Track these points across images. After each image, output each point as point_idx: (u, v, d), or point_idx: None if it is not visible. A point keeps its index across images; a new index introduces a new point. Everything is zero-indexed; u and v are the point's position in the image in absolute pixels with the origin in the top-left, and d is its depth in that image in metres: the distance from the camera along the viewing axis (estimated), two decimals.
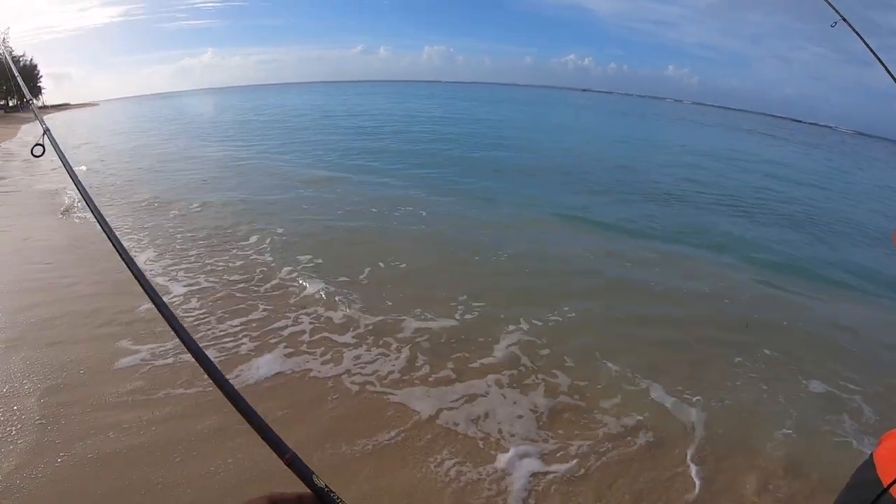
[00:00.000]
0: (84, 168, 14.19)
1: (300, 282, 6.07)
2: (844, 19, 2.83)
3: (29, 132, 28.80)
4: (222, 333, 4.82)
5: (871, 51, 2.50)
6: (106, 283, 5.72)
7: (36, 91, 74.92)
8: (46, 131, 1.79)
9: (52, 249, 6.98)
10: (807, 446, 3.67)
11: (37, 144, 1.77)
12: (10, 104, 65.82)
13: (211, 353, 3.08)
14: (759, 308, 6.10)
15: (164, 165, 14.97)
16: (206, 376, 0.88)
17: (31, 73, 72.32)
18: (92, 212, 1.29)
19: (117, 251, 1.14)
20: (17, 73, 2.65)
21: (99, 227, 1.28)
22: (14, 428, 3.37)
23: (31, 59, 74.62)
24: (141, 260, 6.62)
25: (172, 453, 3.22)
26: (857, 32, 2.63)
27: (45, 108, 73.67)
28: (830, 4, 2.87)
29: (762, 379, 4.54)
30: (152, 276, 6.05)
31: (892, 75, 2.16)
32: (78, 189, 1.39)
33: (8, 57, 3.10)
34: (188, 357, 1.45)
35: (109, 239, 1.16)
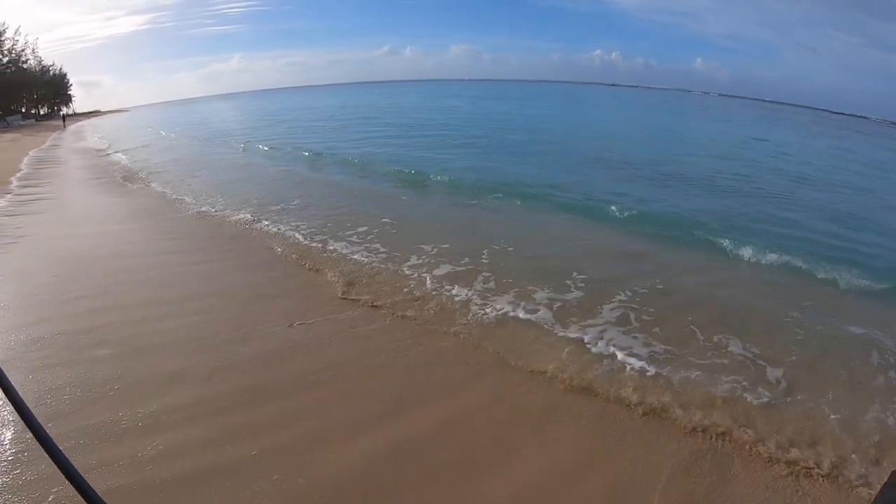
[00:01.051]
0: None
1: None
2: None
3: (57, 139, 29.43)
4: None
5: None
6: None
7: (66, 99, 76.51)
8: None
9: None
10: None
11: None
12: (41, 112, 67.26)
13: None
14: None
15: None
16: None
17: (61, 82, 73.80)
18: None
19: None
20: None
21: None
22: None
23: (61, 69, 76.44)
24: None
25: None
26: None
27: (74, 115, 75.22)
28: None
29: None
30: None
31: None
32: None
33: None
34: None
35: None
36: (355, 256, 7.15)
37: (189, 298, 5.78)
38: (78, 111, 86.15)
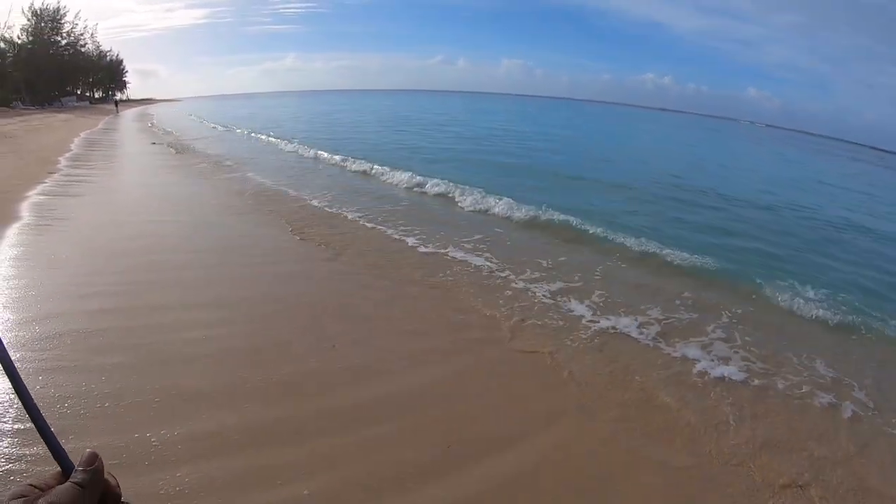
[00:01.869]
0: None
1: None
2: None
3: (110, 123, 30.00)
4: None
5: None
6: None
7: (121, 85, 78.85)
8: None
9: None
10: None
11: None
12: (96, 96, 69.38)
13: None
14: None
15: None
16: None
17: (117, 68, 76.10)
18: None
19: None
20: None
21: None
22: None
23: (118, 55, 78.87)
24: None
25: None
26: None
27: (127, 101, 77.50)
28: None
29: None
30: None
31: None
32: None
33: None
34: None
35: None
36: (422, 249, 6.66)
37: (222, 306, 5.28)
38: (132, 98, 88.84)
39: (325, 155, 17.72)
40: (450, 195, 11.53)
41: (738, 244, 9.73)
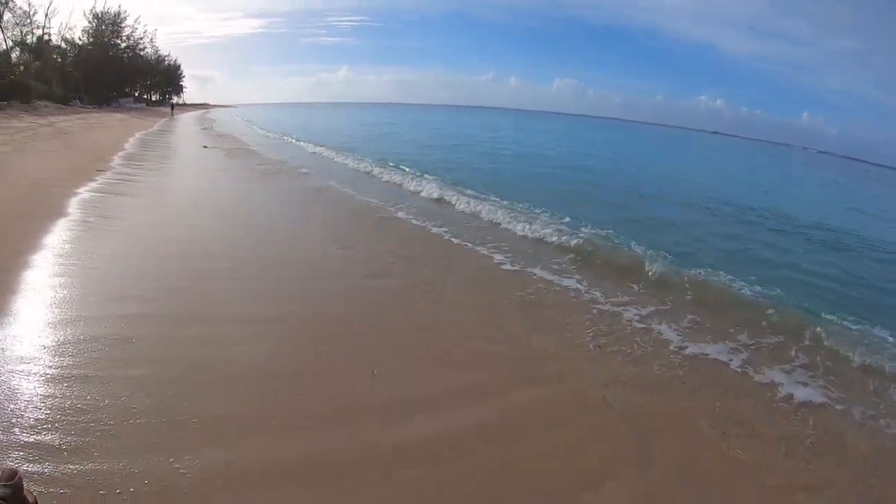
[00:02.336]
0: None
1: None
2: None
3: (165, 125, 30.85)
4: None
5: None
6: None
7: (178, 89, 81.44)
8: None
9: None
10: None
11: None
12: (153, 98, 71.74)
13: None
14: None
15: None
16: None
17: (174, 73, 78.61)
18: None
19: None
20: None
21: None
22: None
23: (176, 60, 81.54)
24: None
25: None
26: None
27: (183, 105, 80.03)
28: None
29: None
30: None
31: None
32: None
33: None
34: None
35: None
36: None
37: (260, 321, 4.95)
38: (188, 102, 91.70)
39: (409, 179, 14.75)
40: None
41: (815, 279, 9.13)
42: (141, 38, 61.84)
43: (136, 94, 68.81)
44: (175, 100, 79.80)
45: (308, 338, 4.72)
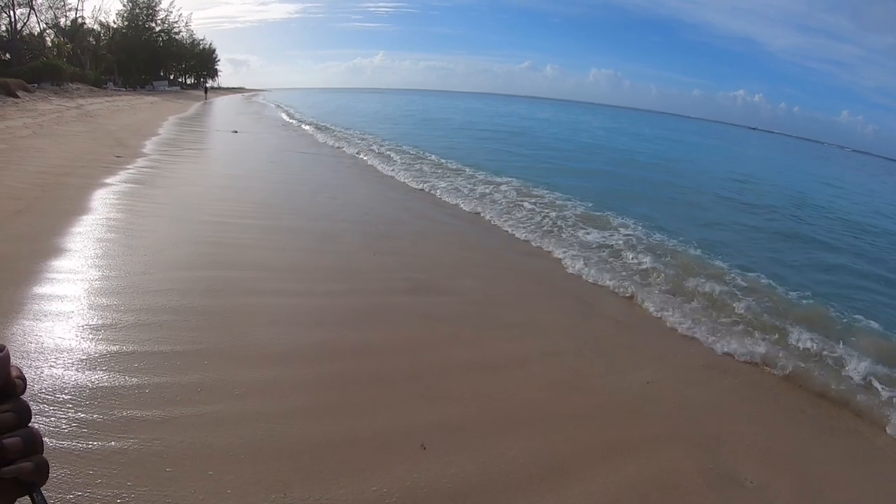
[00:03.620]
0: None
1: None
2: None
3: (198, 109, 30.26)
4: None
5: None
6: None
7: (213, 73, 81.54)
8: None
9: None
10: None
11: None
12: (188, 81, 71.95)
13: None
14: None
15: None
16: None
17: (209, 56, 78.61)
18: None
19: None
20: None
21: None
22: None
23: (211, 44, 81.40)
24: None
25: None
26: None
27: (218, 88, 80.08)
28: None
29: None
30: None
31: None
32: None
33: None
34: None
35: None
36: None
37: (283, 359, 3.67)
38: (223, 86, 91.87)
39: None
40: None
41: None
42: (175, 22, 61.70)
43: (172, 78, 68.86)
44: (210, 83, 79.79)
45: (351, 382, 3.36)
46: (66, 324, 3.79)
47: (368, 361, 3.83)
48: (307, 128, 25.24)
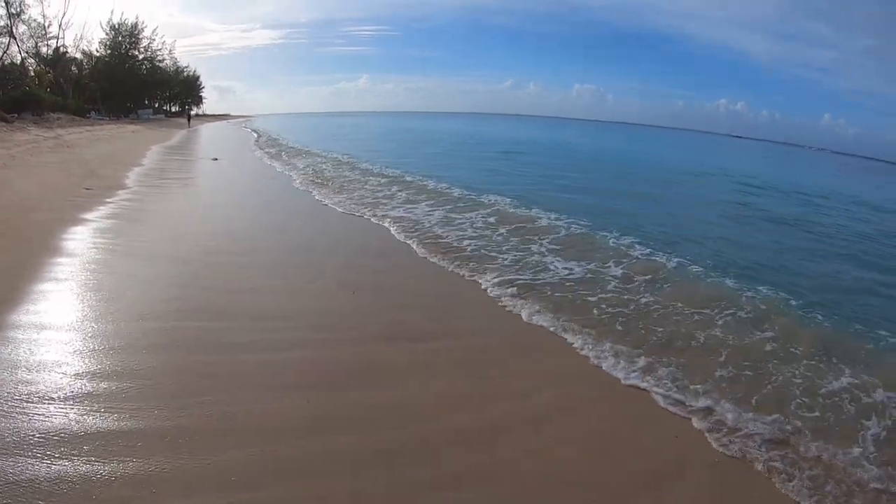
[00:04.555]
0: None
1: None
2: None
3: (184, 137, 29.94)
4: None
5: None
6: None
7: (197, 100, 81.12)
8: None
9: None
10: None
11: None
12: (172, 109, 71.51)
13: None
14: None
15: None
16: None
17: (193, 83, 78.28)
18: None
19: None
20: None
21: None
22: None
23: (195, 71, 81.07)
24: None
25: None
26: None
27: (202, 115, 79.73)
28: None
29: None
30: None
31: None
32: None
33: None
34: None
35: None
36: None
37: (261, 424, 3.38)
38: (208, 112, 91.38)
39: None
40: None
41: None
42: (159, 50, 61.37)
43: (157, 105, 68.32)
44: (195, 110, 79.26)
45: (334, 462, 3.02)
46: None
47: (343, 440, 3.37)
48: (283, 154, 24.88)
